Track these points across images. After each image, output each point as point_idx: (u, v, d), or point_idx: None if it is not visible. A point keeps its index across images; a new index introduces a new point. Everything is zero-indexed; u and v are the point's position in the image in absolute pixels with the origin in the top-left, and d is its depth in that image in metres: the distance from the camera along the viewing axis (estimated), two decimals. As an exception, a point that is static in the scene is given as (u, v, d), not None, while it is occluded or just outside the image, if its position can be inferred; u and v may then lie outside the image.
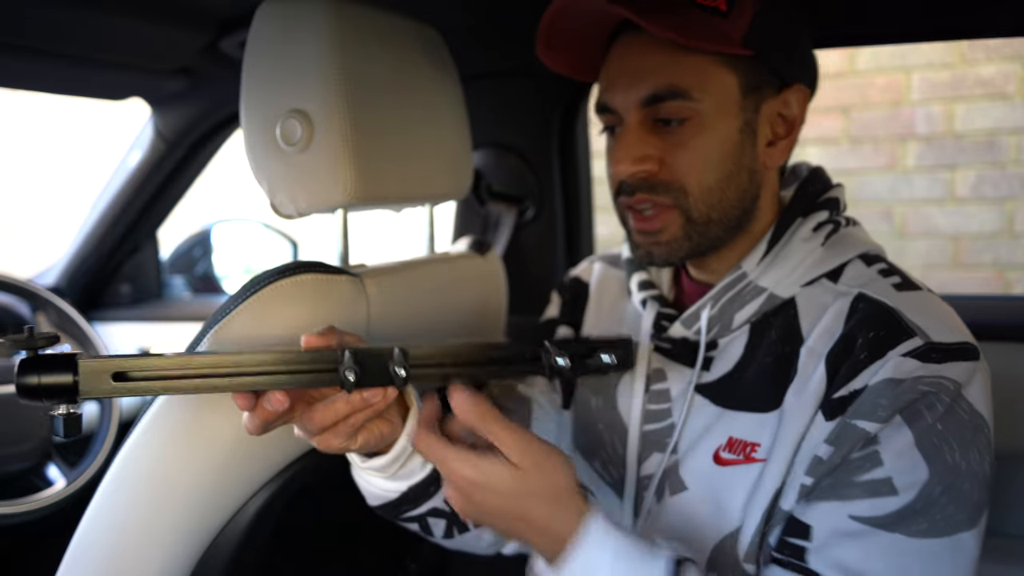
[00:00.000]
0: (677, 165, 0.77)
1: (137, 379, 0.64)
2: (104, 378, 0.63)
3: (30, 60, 1.24)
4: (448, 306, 1.03)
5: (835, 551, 0.70)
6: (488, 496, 0.68)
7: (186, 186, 1.79)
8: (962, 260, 2.65)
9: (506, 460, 0.67)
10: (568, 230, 1.50)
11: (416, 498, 0.80)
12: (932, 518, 0.68)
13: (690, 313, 0.84)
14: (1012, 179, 2.57)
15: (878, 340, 0.73)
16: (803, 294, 0.81)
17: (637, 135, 0.78)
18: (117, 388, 0.63)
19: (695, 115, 0.76)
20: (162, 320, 1.82)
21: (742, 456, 0.78)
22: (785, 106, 0.81)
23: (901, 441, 0.69)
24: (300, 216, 0.86)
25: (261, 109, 0.82)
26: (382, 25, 0.88)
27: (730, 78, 0.77)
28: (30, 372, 0.62)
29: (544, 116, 1.45)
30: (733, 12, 0.75)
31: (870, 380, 0.72)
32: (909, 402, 0.70)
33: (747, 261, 0.82)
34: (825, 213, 0.83)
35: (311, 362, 0.67)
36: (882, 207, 2.72)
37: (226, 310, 0.75)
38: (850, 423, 0.71)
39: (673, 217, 0.79)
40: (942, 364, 0.71)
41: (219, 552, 0.79)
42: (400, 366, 0.68)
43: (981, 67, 2.56)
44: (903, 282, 0.79)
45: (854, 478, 0.70)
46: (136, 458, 0.75)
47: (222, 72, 1.39)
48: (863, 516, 0.69)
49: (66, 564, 0.77)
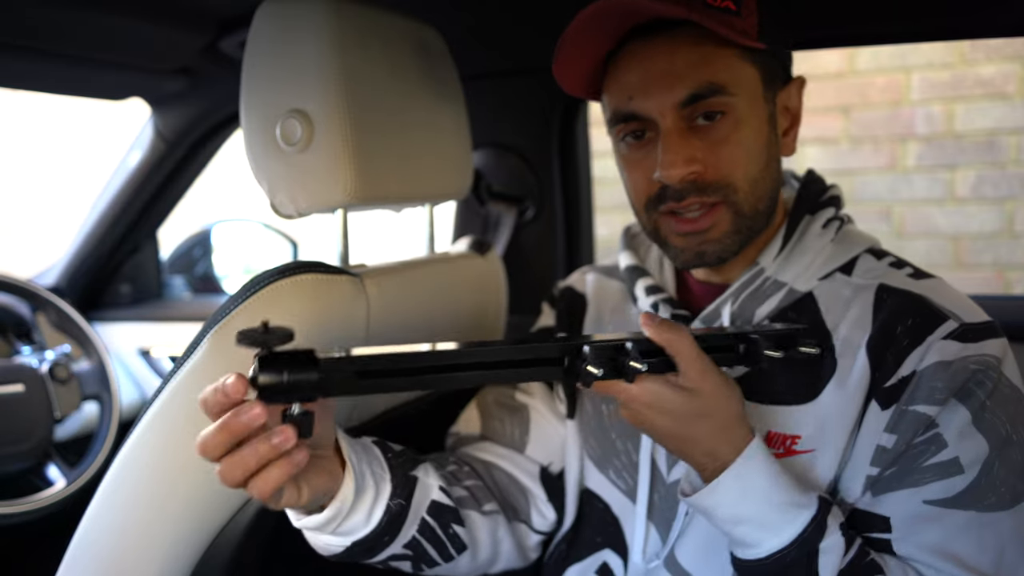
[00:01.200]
0: (723, 162, 0.78)
1: (379, 375, 0.63)
2: (348, 375, 0.61)
3: (30, 60, 1.24)
4: (448, 306, 1.03)
5: (919, 537, 0.71)
6: (659, 417, 0.70)
7: (186, 186, 1.79)
8: (962, 260, 2.65)
9: (678, 385, 0.69)
10: (568, 230, 1.50)
11: (371, 548, 0.77)
12: (997, 491, 0.71)
13: (711, 310, 0.85)
14: (1012, 179, 2.57)
15: (916, 327, 0.75)
16: (821, 288, 0.82)
17: (681, 137, 0.77)
18: (362, 386, 0.62)
19: (731, 110, 0.77)
20: (162, 320, 1.82)
21: (782, 449, 0.79)
22: (789, 98, 0.84)
23: (960, 420, 0.72)
24: (300, 216, 0.86)
25: (261, 109, 0.82)
26: (382, 25, 0.88)
27: (753, 71, 0.78)
28: (273, 369, 0.58)
29: (544, 116, 1.45)
30: (742, 10, 0.76)
31: (918, 366, 0.74)
32: (963, 382, 0.72)
33: (764, 257, 0.84)
34: (831, 210, 0.86)
35: (545, 353, 0.68)
36: (882, 207, 2.72)
37: (226, 310, 0.75)
38: (908, 409, 0.73)
39: (722, 213, 0.79)
40: (980, 343, 0.74)
41: (219, 552, 0.79)
42: (635, 359, 0.68)
43: (981, 67, 2.56)
44: (916, 272, 0.82)
45: (922, 463, 0.72)
46: (136, 458, 0.75)
47: (222, 72, 1.39)
48: (937, 499, 0.71)
49: (66, 564, 0.77)
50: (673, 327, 0.69)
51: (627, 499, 0.89)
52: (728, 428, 0.70)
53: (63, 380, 1.41)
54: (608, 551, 0.89)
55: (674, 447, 0.72)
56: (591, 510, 0.92)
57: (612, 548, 0.89)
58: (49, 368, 1.40)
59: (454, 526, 0.85)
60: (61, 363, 1.41)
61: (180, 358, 0.75)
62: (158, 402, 0.75)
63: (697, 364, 0.69)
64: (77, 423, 1.50)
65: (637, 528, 0.86)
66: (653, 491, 0.86)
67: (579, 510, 0.94)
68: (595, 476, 0.92)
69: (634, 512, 0.88)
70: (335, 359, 0.61)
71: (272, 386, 0.59)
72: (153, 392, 0.76)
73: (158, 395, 0.75)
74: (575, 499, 0.94)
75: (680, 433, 0.70)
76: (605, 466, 0.91)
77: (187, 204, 1.84)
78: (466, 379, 0.67)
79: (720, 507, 0.71)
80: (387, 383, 0.64)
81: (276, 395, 0.59)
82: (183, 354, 0.75)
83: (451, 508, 0.85)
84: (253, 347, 0.58)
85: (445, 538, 0.84)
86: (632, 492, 0.88)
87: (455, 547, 0.85)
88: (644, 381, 0.69)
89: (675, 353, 0.69)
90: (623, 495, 0.89)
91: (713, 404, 0.69)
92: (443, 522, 0.84)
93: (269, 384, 0.58)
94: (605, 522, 0.90)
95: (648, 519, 0.86)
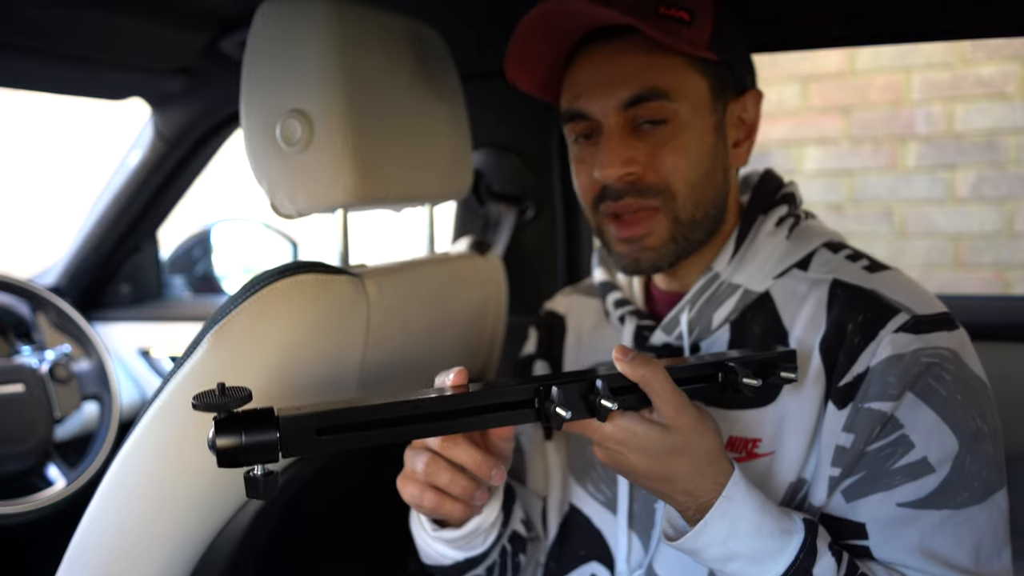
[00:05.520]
0: (662, 166, 0.79)
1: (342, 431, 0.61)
2: (308, 434, 0.59)
3: (30, 60, 1.24)
4: (448, 306, 1.03)
5: (896, 541, 0.71)
6: (634, 455, 0.68)
7: (186, 186, 1.79)
8: (962, 260, 2.65)
9: (653, 421, 0.68)
10: (568, 230, 1.50)
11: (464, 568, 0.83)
12: (970, 486, 0.71)
13: (669, 319, 0.85)
14: (1012, 179, 2.57)
15: (867, 322, 0.75)
16: (777, 286, 0.83)
17: (620, 138, 0.79)
18: (321, 443, 0.60)
19: (674, 116, 0.78)
20: (162, 320, 1.82)
21: (744, 453, 0.79)
22: (744, 110, 0.85)
23: (924, 418, 0.71)
24: (300, 216, 0.86)
25: (261, 109, 0.82)
26: (382, 25, 0.88)
27: (701, 81, 0.80)
28: (230, 431, 0.57)
29: (544, 116, 1.45)
30: (696, 22, 0.78)
31: (871, 362, 0.74)
32: (916, 376, 0.72)
33: (717, 262, 0.84)
34: (784, 208, 0.86)
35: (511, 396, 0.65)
36: (882, 207, 2.72)
37: (226, 310, 0.75)
38: (863, 407, 0.73)
39: (659, 220, 0.80)
40: (932, 334, 0.74)
41: (219, 552, 0.79)
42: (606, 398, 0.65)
43: (981, 67, 2.56)
44: (872, 264, 0.82)
45: (891, 466, 0.72)
46: (136, 458, 0.75)
47: (222, 72, 1.39)
48: (909, 500, 0.71)
49: (66, 564, 0.77)
50: (647, 362, 0.67)
51: (606, 510, 0.89)
52: (707, 464, 0.68)
53: (63, 380, 1.41)
54: (595, 563, 0.89)
55: (652, 487, 0.70)
56: (573, 524, 0.92)
57: (598, 560, 0.89)
58: (49, 368, 1.40)
59: (520, 556, 0.88)
60: (61, 363, 1.41)
61: (180, 358, 0.75)
62: (158, 402, 0.75)
63: (672, 400, 0.67)
64: (77, 423, 1.51)
65: (620, 539, 0.86)
66: (633, 501, 0.86)
67: (564, 527, 0.93)
68: (576, 491, 0.92)
69: (615, 523, 0.88)
70: (294, 416, 0.59)
71: (230, 449, 0.57)
72: (153, 392, 0.76)
73: (158, 395, 0.75)
74: (557, 515, 0.94)
75: (657, 471, 0.68)
76: (584, 479, 0.92)
77: (187, 204, 1.84)
78: (435, 429, 0.65)
79: (709, 547, 0.69)
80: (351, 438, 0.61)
81: (235, 458, 0.57)
82: (183, 354, 0.75)
83: (524, 539, 0.88)
84: (209, 411, 0.56)
85: (510, 565, 0.86)
86: (611, 503, 0.88)
87: (513, 572, 0.88)
88: (617, 419, 0.67)
89: (649, 390, 0.68)
90: (602, 507, 0.89)
91: (690, 440, 0.67)
92: (514, 550, 0.86)
93: (226, 448, 0.57)
94: (588, 535, 0.90)
95: (630, 528, 0.86)
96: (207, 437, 0.58)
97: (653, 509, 0.84)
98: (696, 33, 0.78)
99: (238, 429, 0.57)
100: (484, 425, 0.67)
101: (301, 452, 0.60)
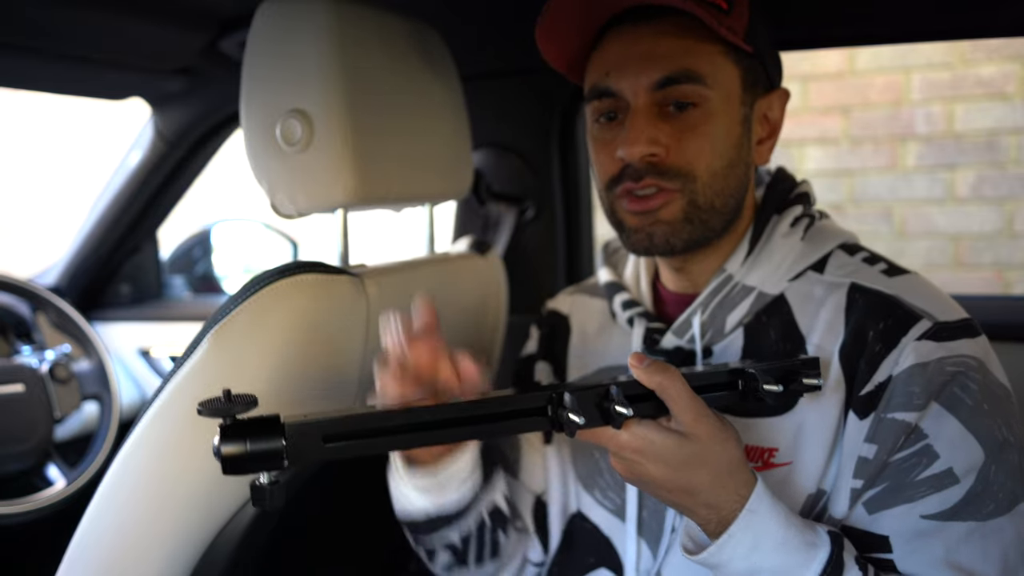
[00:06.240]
0: (686, 150, 0.77)
1: (348, 438, 0.60)
2: (315, 441, 0.59)
3: (30, 60, 1.24)
4: (448, 306, 1.03)
5: (921, 554, 0.69)
6: (653, 465, 0.66)
7: (186, 186, 1.79)
8: (962, 260, 2.65)
9: (671, 429, 0.66)
10: (568, 230, 1.50)
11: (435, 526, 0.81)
12: (995, 497, 0.69)
13: (681, 321, 0.83)
14: (1012, 179, 2.57)
15: (888, 329, 0.73)
16: (792, 289, 0.81)
17: (647, 118, 0.77)
18: (328, 450, 0.59)
19: (704, 102, 0.77)
20: (162, 320, 1.82)
21: (760, 463, 0.77)
22: (770, 107, 0.83)
23: (949, 428, 0.70)
24: (300, 216, 0.86)
25: (261, 109, 0.82)
26: (382, 25, 0.88)
27: (734, 71, 0.78)
28: (236, 439, 0.56)
29: (544, 116, 1.45)
30: (734, 11, 0.76)
31: (894, 370, 0.72)
32: (941, 385, 0.70)
33: (730, 263, 0.82)
34: (799, 208, 0.84)
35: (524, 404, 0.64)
36: (882, 207, 2.72)
37: (226, 310, 0.75)
38: (886, 417, 0.71)
39: (676, 199, 0.78)
40: (956, 341, 0.72)
41: (219, 552, 0.79)
42: (621, 404, 0.64)
43: (981, 67, 2.56)
44: (890, 267, 0.80)
45: (915, 477, 0.70)
46: (136, 458, 0.75)
47: (222, 72, 1.39)
48: (934, 512, 0.69)
49: (66, 564, 0.77)
50: (663, 368, 0.66)
51: (615, 518, 0.87)
52: (728, 474, 0.66)
53: (63, 380, 1.41)
54: (604, 570, 0.88)
55: (672, 500, 0.68)
56: (581, 532, 0.90)
57: (607, 567, 0.88)
58: (49, 368, 1.40)
59: (500, 533, 0.86)
60: (61, 363, 1.41)
61: (180, 358, 0.75)
62: (158, 402, 0.75)
63: (691, 408, 0.65)
64: (77, 423, 1.51)
65: (629, 546, 0.85)
66: (642, 508, 0.85)
67: (569, 533, 0.92)
68: (583, 498, 0.91)
69: (624, 530, 0.86)
70: (300, 424, 0.59)
71: (235, 457, 0.56)
72: (153, 392, 0.76)
73: (158, 395, 0.75)
74: (559, 523, 0.92)
75: (677, 483, 0.66)
76: (591, 486, 0.90)
77: (187, 204, 1.84)
78: (444, 436, 0.64)
79: (733, 561, 0.67)
80: (358, 446, 0.61)
81: (240, 465, 0.57)
82: (183, 354, 0.75)
83: (506, 518, 0.86)
84: (215, 417, 0.56)
85: (488, 542, 0.84)
86: (620, 510, 0.87)
87: (491, 553, 0.85)
88: (634, 427, 0.65)
89: (666, 397, 0.66)
90: (611, 514, 0.88)
91: (710, 449, 0.66)
92: (493, 526, 0.84)
93: (231, 455, 0.56)
94: (596, 542, 0.89)
95: (639, 535, 0.85)
96: (208, 439, 0.58)
97: (662, 516, 0.82)
98: (733, 22, 0.76)
99: (243, 436, 0.57)
100: (495, 432, 0.66)
101: (307, 460, 0.59)
